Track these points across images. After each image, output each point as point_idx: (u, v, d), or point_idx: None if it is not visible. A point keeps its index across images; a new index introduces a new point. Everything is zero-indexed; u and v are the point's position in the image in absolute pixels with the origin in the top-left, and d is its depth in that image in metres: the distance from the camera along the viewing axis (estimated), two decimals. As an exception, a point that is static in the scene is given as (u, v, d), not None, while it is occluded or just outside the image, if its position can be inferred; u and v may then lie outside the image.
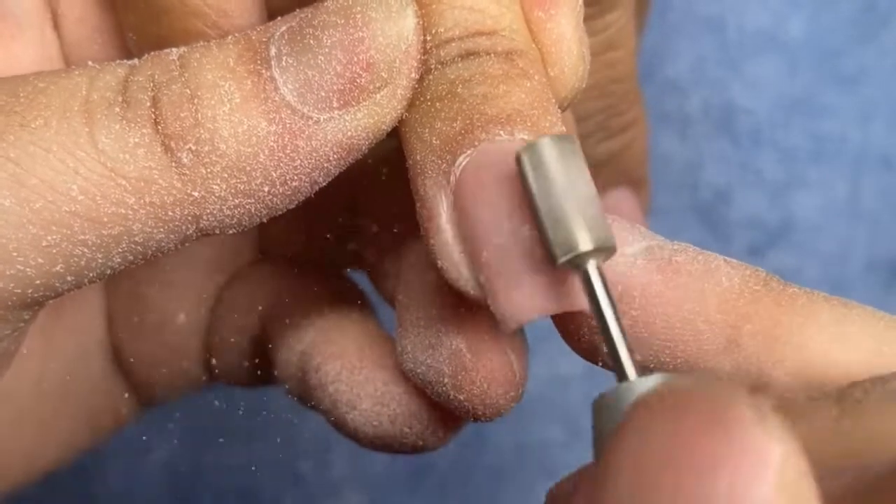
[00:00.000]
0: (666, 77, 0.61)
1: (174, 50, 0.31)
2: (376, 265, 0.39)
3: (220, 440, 0.62)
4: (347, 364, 0.37)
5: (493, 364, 0.33)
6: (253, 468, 0.62)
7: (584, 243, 0.27)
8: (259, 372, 0.41)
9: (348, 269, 0.42)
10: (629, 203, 0.50)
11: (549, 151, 0.28)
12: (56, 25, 0.36)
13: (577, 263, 0.28)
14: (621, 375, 0.27)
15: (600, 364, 0.31)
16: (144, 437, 0.44)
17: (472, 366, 0.33)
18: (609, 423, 0.26)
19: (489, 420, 0.34)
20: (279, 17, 0.31)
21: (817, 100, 0.61)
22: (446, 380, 0.33)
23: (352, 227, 0.40)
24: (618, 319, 0.28)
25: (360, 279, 0.42)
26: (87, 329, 0.41)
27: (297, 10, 0.31)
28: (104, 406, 0.42)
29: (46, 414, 0.40)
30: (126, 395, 0.42)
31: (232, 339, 0.41)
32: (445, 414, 0.35)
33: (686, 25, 0.61)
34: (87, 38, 0.37)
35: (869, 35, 0.60)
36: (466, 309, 0.33)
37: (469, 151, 0.29)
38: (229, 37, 0.31)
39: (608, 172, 0.49)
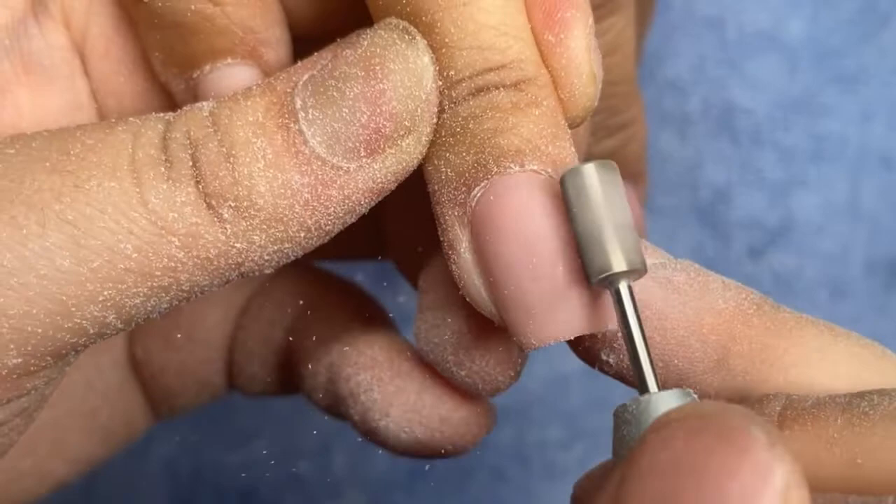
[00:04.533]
0: (666, 77, 0.61)
1: (205, 105, 0.32)
2: (402, 257, 0.41)
3: (220, 440, 0.62)
4: (378, 374, 0.38)
5: (492, 344, 0.35)
6: (254, 468, 0.63)
7: (618, 264, 0.30)
8: (281, 383, 0.42)
9: (377, 259, 0.44)
10: (628, 197, 0.50)
11: (591, 176, 0.30)
12: (84, 67, 0.37)
13: (609, 282, 0.30)
14: (643, 388, 0.30)
15: (596, 367, 0.33)
16: (145, 437, 0.45)
17: (473, 345, 0.35)
18: (631, 431, 0.29)
19: (491, 395, 0.36)
20: (300, 62, 0.32)
21: (817, 100, 0.61)
22: (449, 357, 0.35)
23: (380, 228, 0.42)
24: (643, 336, 0.30)
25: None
26: (107, 343, 0.42)
27: (316, 54, 0.32)
28: (118, 420, 0.43)
29: (59, 431, 0.41)
30: (142, 408, 0.43)
31: (256, 350, 0.42)
32: (474, 416, 0.38)
33: (686, 25, 0.61)
34: (113, 71, 0.37)
35: (869, 35, 0.60)
36: None
37: (483, 184, 0.31)
38: (254, 86, 0.32)
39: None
